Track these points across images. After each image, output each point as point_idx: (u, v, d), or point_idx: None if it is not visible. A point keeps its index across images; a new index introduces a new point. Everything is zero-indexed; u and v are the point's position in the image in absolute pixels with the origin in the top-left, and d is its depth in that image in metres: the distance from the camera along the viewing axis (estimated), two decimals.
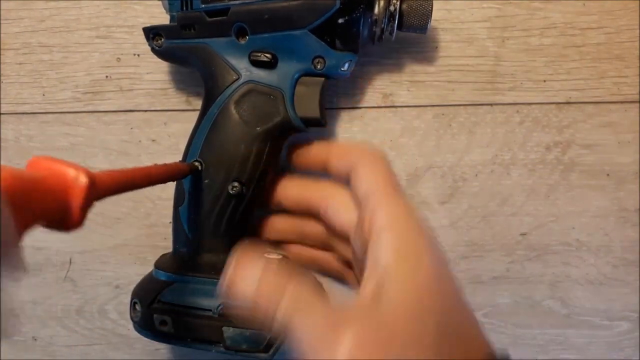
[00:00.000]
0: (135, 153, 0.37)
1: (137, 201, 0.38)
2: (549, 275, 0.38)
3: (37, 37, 0.37)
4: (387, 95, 0.36)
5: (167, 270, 0.31)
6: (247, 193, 0.31)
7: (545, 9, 0.35)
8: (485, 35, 0.35)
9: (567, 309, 0.38)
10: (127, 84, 0.37)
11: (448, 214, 0.37)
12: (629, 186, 0.37)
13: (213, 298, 0.30)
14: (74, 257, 0.39)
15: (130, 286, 0.34)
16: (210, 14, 0.30)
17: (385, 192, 0.26)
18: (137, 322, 0.32)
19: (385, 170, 0.27)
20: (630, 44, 0.35)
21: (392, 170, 0.28)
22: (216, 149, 0.31)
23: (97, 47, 0.37)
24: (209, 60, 0.31)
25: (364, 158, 0.28)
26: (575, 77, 0.36)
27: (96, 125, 0.37)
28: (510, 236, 0.37)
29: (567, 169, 0.36)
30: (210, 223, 0.31)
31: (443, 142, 0.36)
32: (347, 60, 0.30)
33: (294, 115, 0.31)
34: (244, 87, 0.31)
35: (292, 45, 0.30)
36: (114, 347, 0.40)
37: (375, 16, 0.30)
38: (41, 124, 0.38)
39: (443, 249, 0.25)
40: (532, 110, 0.36)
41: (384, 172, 0.27)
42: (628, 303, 0.38)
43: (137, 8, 0.36)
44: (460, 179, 0.37)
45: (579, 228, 0.37)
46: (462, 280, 0.38)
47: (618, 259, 0.37)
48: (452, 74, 0.36)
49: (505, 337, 0.39)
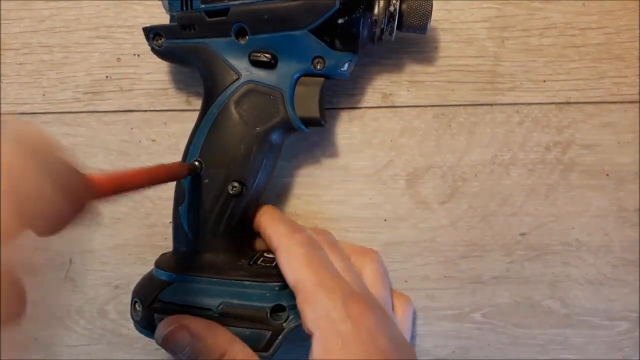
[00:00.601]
0: (135, 153, 0.38)
1: (137, 201, 0.38)
2: (549, 275, 0.38)
3: (37, 37, 0.37)
4: (387, 95, 0.36)
5: (168, 269, 0.31)
6: (247, 193, 0.31)
7: (545, 9, 0.35)
8: (485, 35, 0.35)
9: (567, 309, 0.38)
10: (127, 84, 0.37)
11: (448, 214, 0.37)
12: (628, 186, 0.37)
13: (213, 297, 0.30)
14: (74, 257, 0.39)
15: (130, 286, 0.34)
16: (210, 14, 0.30)
17: (305, 292, 0.28)
18: (138, 322, 0.32)
19: (300, 259, 0.29)
20: (630, 44, 0.35)
21: (310, 255, 0.29)
22: (216, 149, 0.31)
23: (97, 47, 0.37)
24: (209, 60, 0.31)
25: (282, 245, 0.30)
26: (575, 77, 0.36)
27: (96, 126, 0.37)
28: (510, 236, 0.37)
29: (566, 169, 0.37)
30: (210, 223, 0.31)
31: (443, 142, 0.37)
32: (346, 60, 0.30)
33: (293, 115, 0.31)
34: (243, 87, 0.31)
35: (291, 45, 0.30)
36: (114, 347, 0.40)
37: (375, 16, 0.30)
38: (41, 124, 0.38)
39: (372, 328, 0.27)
40: (531, 111, 0.36)
41: (299, 263, 0.29)
42: (628, 303, 0.38)
43: (137, 8, 0.36)
44: (460, 179, 0.37)
45: (578, 228, 0.37)
46: (462, 280, 0.38)
47: (618, 259, 0.37)
48: (452, 74, 0.36)
49: (505, 337, 0.39)
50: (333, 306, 0.27)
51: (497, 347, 0.39)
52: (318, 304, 0.27)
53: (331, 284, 0.28)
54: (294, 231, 0.31)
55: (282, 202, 0.38)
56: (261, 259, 0.32)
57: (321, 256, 0.30)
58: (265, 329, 0.30)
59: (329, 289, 0.27)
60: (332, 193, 0.37)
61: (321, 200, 0.38)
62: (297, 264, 0.28)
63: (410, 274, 0.38)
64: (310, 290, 0.27)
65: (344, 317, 0.26)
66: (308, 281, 0.28)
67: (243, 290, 0.30)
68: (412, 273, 0.38)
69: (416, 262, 0.38)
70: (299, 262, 0.29)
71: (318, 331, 0.26)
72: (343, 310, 0.27)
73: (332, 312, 0.27)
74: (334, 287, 0.28)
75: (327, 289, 0.27)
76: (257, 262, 0.32)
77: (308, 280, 0.28)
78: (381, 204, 0.37)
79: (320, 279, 0.28)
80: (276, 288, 0.30)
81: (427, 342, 0.39)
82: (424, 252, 0.38)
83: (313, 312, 0.27)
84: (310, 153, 0.37)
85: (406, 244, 0.38)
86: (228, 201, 0.31)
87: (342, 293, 0.27)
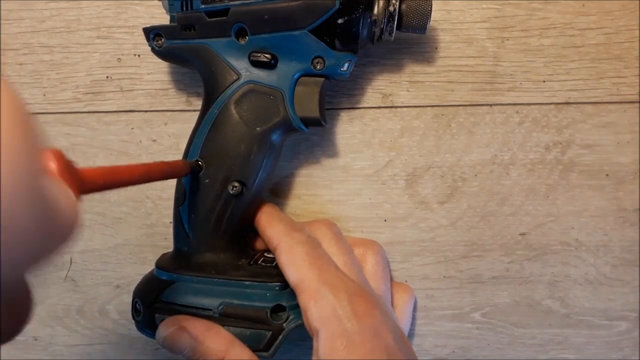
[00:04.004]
0: (135, 153, 0.38)
1: (137, 201, 0.38)
2: (548, 275, 0.38)
3: (37, 37, 0.37)
4: (387, 95, 0.36)
5: (168, 269, 0.31)
6: (248, 193, 0.31)
7: (544, 10, 0.35)
8: (485, 35, 0.35)
9: (566, 309, 0.38)
10: (128, 84, 0.37)
11: (447, 213, 0.37)
12: (628, 186, 0.37)
13: (214, 297, 0.30)
14: (75, 256, 0.39)
15: (131, 286, 0.34)
16: (210, 14, 0.30)
17: (309, 290, 0.28)
18: (139, 322, 0.32)
19: (302, 257, 0.29)
20: (629, 44, 0.35)
21: (311, 253, 0.29)
22: (216, 149, 0.31)
23: (98, 48, 0.37)
24: (209, 60, 0.31)
25: (282, 244, 0.30)
26: (574, 78, 0.36)
27: (97, 126, 0.37)
28: (510, 236, 0.37)
29: (566, 169, 0.37)
30: (210, 223, 0.31)
31: (442, 142, 0.37)
32: (346, 60, 0.30)
33: (293, 115, 0.31)
34: (244, 87, 0.31)
35: (291, 45, 0.30)
36: (114, 346, 0.40)
37: (374, 16, 0.30)
38: (42, 124, 0.38)
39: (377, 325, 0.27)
40: (531, 111, 0.36)
41: (301, 260, 0.29)
42: (627, 303, 0.38)
43: (137, 9, 0.36)
44: (459, 179, 0.37)
45: (578, 228, 0.37)
46: (462, 280, 0.38)
47: (617, 258, 0.37)
48: (451, 74, 0.36)
49: (505, 336, 0.39)
50: (339, 304, 0.27)
51: (497, 346, 0.39)
52: (324, 302, 0.27)
53: (335, 281, 0.28)
54: (294, 230, 0.31)
55: (283, 202, 0.38)
56: (261, 259, 0.33)
57: (322, 253, 0.30)
58: (265, 329, 0.30)
59: (333, 287, 0.27)
60: (332, 193, 0.38)
61: (321, 200, 0.38)
62: (299, 262, 0.28)
63: (410, 274, 0.38)
64: (315, 288, 0.27)
65: (350, 315, 0.26)
66: (312, 279, 0.28)
67: (243, 291, 0.30)
68: (411, 273, 0.38)
69: (416, 262, 0.38)
70: (301, 261, 0.29)
71: (324, 329, 0.26)
72: (349, 307, 0.27)
73: (338, 309, 0.27)
74: (339, 284, 0.28)
75: (331, 287, 0.27)
76: (257, 262, 0.32)
77: (312, 279, 0.28)
78: (381, 204, 0.37)
79: (324, 277, 0.28)
80: (276, 288, 0.30)
81: (426, 342, 0.39)
82: (424, 252, 0.38)
83: (318, 309, 0.27)
84: (311, 153, 0.37)
85: (406, 243, 0.38)
86: (228, 201, 0.31)
87: (346, 290, 0.27)
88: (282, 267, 0.29)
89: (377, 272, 0.33)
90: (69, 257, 0.39)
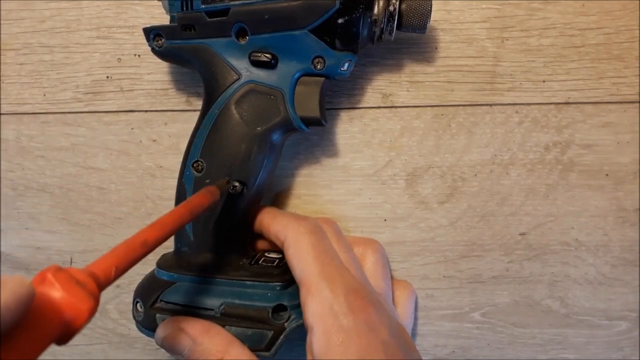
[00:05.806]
0: (135, 153, 0.38)
1: (137, 201, 0.38)
2: (548, 275, 0.38)
3: (37, 37, 0.37)
4: (387, 95, 0.36)
5: (169, 269, 0.31)
6: (248, 193, 0.31)
7: (544, 10, 0.35)
8: (485, 35, 0.35)
9: (566, 309, 0.38)
10: (128, 84, 0.37)
11: (447, 213, 0.37)
12: (627, 186, 0.37)
13: (215, 297, 0.30)
14: (75, 256, 0.39)
15: (131, 285, 0.34)
16: (211, 14, 0.30)
17: (308, 284, 0.28)
18: (140, 322, 0.32)
19: (308, 249, 0.29)
20: (629, 44, 0.35)
21: (317, 245, 0.29)
22: (217, 149, 0.31)
23: (98, 48, 0.37)
24: (209, 60, 0.31)
25: (290, 236, 0.30)
26: (574, 78, 0.36)
27: (97, 126, 0.38)
28: (510, 236, 0.37)
29: (566, 169, 0.37)
30: (211, 222, 0.31)
31: (442, 142, 0.37)
32: (346, 60, 0.31)
33: (294, 115, 0.31)
34: (244, 87, 0.31)
35: (292, 45, 0.30)
36: (114, 346, 0.40)
37: (374, 16, 0.30)
38: (42, 124, 0.38)
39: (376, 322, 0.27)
40: (531, 111, 0.36)
41: (306, 253, 0.29)
42: (627, 302, 0.38)
43: (137, 9, 0.36)
44: (459, 178, 0.37)
45: (578, 228, 0.37)
46: (462, 280, 0.38)
47: (617, 258, 0.37)
48: (451, 74, 0.36)
49: (504, 336, 0.39)
50: (335, 299, 0.27)
51: (497, 346, 0.39)
52: (321, 296, 0.27)
53: (335, 275, 0.28)
54: (300, 219, 0.31)
55: (283, 202, 0.38)
56: (262, 259, 0.33)
57: (327, 245, 0.30)
58: (266, 328, 0.30)
59: (332, 281, 0.27)
60: (332, 193, 0.38)
61: (321, 200, 0.38)
62: (304, 255, 0.28)
63: (410, 274, 0.38)
64: (314, 282, 0.27)
65: (346, 311, 0.26)
66: (313, 273, 0.28)
67: (244, 290, 0.30)
68: (411, 273, 0.38)
69: (416, 262, 0.38)
70: (306, 254, 0.28)
71: (319, 324, 0.26)
72: (345, 304, 0.27)
73: (335, 305, 0.27)
74: (338, 279, 0.28)
75: (330, 281, 0.27)
76: (258, 262, 0.32)
77: (313, 272, 0.28)
78: (381, 204, 0.37)
79: (325, 271, 0.28)
80: (278, 288, 0.30)
81: (426, 342, 0.39)
82: (424, 252, 0.38)
83: (315, 304, 0.27)
84: (311, 153, 0.37)
85: (406, 243, 0.38)
86: (229, 201, 0.31)
87: (344, 286, 0.27)
88: (289, 260, 0.29)
89: (377, 270, 0.33)
90: (69, 257, 0.39)
